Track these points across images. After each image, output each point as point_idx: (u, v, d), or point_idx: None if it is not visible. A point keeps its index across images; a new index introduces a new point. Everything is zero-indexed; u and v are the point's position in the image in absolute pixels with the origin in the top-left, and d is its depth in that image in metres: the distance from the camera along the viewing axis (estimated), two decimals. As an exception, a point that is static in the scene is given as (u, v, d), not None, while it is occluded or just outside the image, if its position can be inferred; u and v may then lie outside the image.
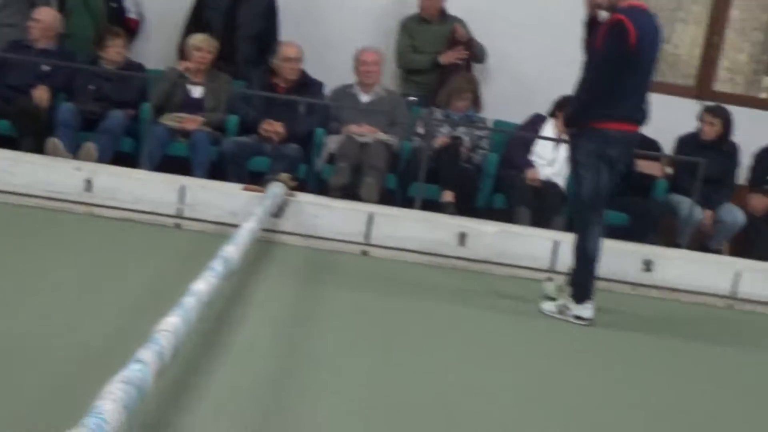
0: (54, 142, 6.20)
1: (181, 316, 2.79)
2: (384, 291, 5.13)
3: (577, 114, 4.89)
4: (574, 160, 4.90)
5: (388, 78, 7.55)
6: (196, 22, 7.25)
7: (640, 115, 4.88)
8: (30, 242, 5.06)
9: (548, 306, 4.99)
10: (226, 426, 2.87)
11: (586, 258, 4.86)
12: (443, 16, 7.50)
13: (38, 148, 6.28)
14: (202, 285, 3.22)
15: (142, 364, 2.32)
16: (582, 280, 4.88)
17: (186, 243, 5.48)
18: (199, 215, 5.89)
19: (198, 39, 6.89)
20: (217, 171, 6.57)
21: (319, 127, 6.87)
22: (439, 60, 7.35)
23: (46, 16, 6.97)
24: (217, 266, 3.55)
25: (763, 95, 8.15)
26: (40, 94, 6.57)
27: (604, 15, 4.87)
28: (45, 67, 6.82)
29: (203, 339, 3.54)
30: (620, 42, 4.60)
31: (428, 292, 5.27)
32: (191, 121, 6.70)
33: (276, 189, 5.77)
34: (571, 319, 4.83)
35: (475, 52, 7.43)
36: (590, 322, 4.82)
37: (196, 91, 6.91)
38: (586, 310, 4.82)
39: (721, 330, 5.49)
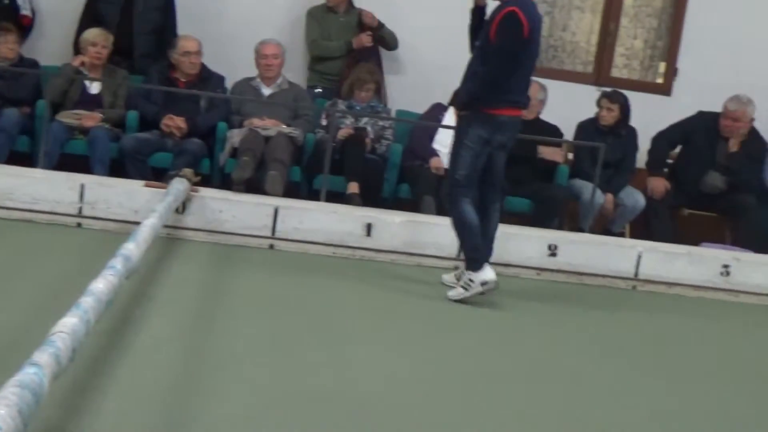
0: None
1: (79, 317, 2.72)
2: (292, 285, 5.09)
3: (471, 100, 5.04)
4: (460, 142, 5.05)
5: (296, 70, 7.53)
6: (90, 17, 7.08)
7: (525, 99, 5.20)
8: None
9: (453, 292, 5.06)
10: (128, 429, 2.81)
11: (465, 225, 5.03)
12: (350, 6, 7.51)
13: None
14: (101, 284, 3.14)
15: (38, 368, 2.25)
16: (471, 247, 5.04)
17: (87, 242, 5.35)
18: (100, 214, 5.75)
19: (92, 34, 6.74)
20: (118, 168, 6.45)
21: (221, 121, 6.82)
22: (352, 44, 7.39)
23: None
24: (117, 264, 3.48)
25: (659, 80, 8.32)
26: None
27: (492, 4, 5.00)
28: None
29: (105, 339, 3.47)
30: (515, 34, 4.82)
31: (336, 283, 5.27)
32: (89, 118, 6.57)
33: (179, 185, 5.67)
34: (479, 288, 4.93)
35: (386, 39, 7.47)
36: (495, 283, 4.94)
37: (94, 87, 6.78)
38: (486, 273, 4.94)
39: (626, 310, 5.63)
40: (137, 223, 4.71)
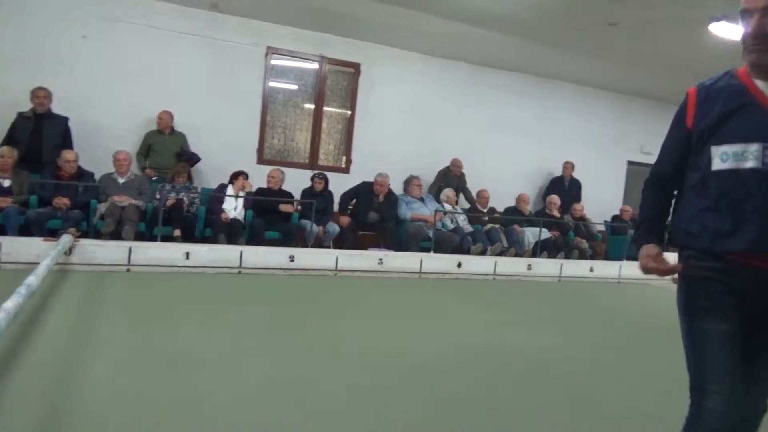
0: None
1: (-6, 325, 2.41)
2: (143, 294, 4.63)
3: None
4: None
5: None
6: (8, 139, 6.21)
7: None
8: None
9: None
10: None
11: None
12: (173, 131, 7.09)
13: None
14: (10, 303, 2.78)
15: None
16: None
17: (4, 279, 4.57)
18: (13, 259, 5.07)
19: (1, 150, 5.94)
20: (26, 232, 5.67)
21: (93, 199, 6.22)
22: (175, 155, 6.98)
23: None
24: (22, 290, 3.09)
25: (342, 165, 8.47)
26: None
27: None
28: None
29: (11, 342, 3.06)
30: None
31: (166, 290, 4.87)
32: (2, 202, 5.73)
33: (66, 238, 5.16)
34: None
35: (193, 160, 7.11)
36: None
37: (5, 183, 5.93)
38: None
39: (328, 293, 5.58)
40: (38, 264, 4.24)
